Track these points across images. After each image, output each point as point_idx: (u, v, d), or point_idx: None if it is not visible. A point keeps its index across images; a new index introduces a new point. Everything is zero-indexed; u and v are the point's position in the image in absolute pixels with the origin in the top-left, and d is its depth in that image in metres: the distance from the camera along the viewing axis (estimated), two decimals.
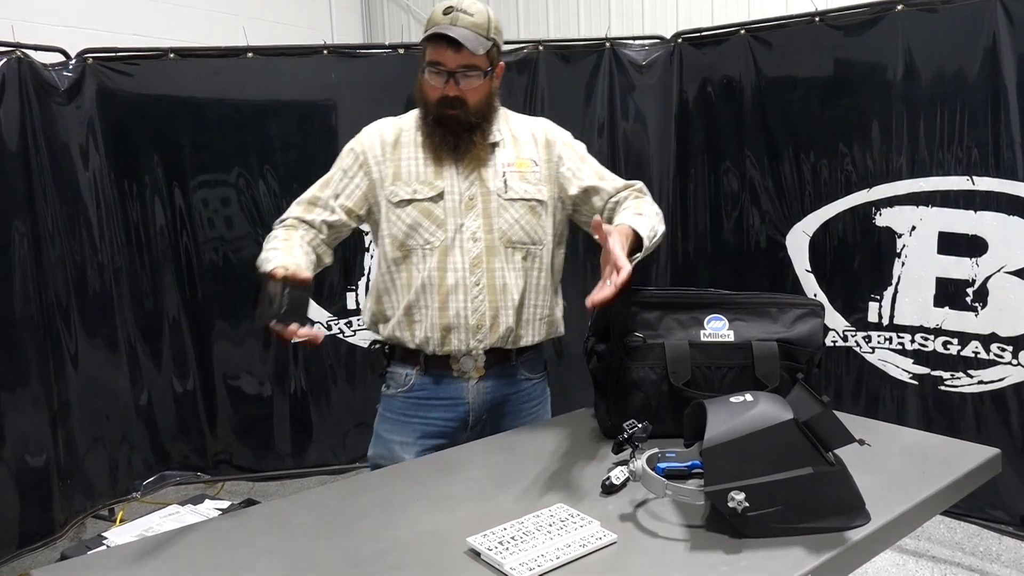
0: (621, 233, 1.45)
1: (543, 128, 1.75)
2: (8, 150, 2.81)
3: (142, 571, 1.09)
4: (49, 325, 2.95)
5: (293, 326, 1.30)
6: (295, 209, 1.67)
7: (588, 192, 1.72)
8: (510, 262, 1.66)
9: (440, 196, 1.63)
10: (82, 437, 3.10)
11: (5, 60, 2.81)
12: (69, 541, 2.97)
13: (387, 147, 1.67)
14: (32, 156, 2.89)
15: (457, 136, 1.61)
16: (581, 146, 1.77)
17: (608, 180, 1.74)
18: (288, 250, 1.53)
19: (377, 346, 1.74)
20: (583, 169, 1.73)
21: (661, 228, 1.61)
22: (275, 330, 1.30)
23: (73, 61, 3.10)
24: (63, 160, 3.03)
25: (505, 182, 1.66)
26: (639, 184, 1.74)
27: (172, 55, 3.19)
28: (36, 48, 2.98)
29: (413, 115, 1.70)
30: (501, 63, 1.66)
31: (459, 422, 1.68)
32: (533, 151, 1.71)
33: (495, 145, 1.68)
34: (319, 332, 1.35)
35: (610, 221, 1.66)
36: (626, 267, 1.34)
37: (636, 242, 1.50)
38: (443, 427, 1.68)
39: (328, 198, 1.67)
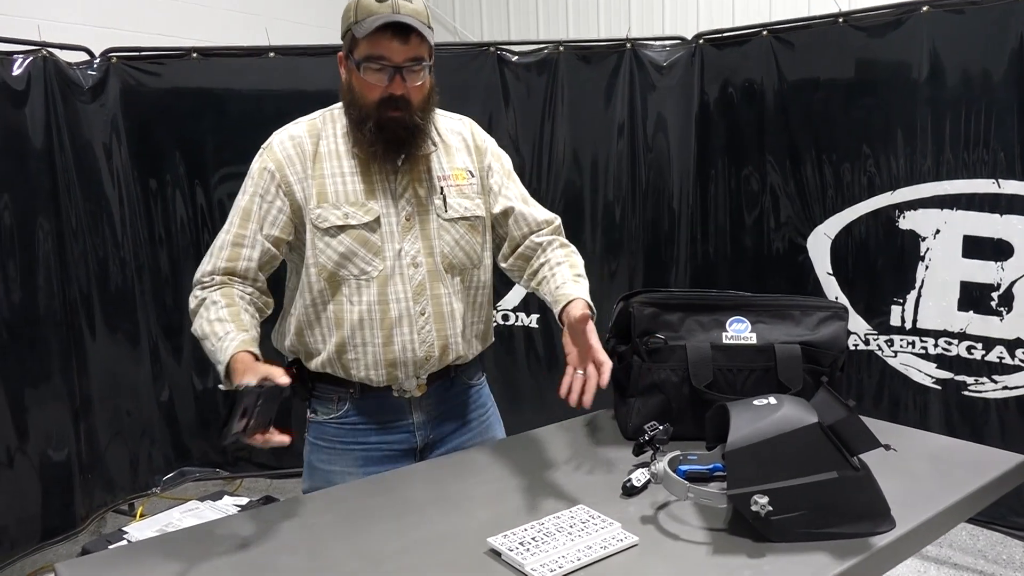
0: (587, 319, 1.31)
1: (471, 130, 1.59)
2: (33, 148, 2.84)
3: (164, 566, 1.10)
4: (72, 321, 2.98)
5: (259, 434, 1.18)
6: (220, 257, 1.44)
7: (507, 214, 1.57)
8: (452, 286, 1.51)
9: (377, 222, 1.44)
10: (103, 432, 3.12)
11: (31, 59, 2.84)
12: (90, 535, 3.00)
13: (307, 160, 1.45)
14: (56, 154, 2.92)
15: (401, 143, 1.43)
16: (508, 159, 1.63)
17: (531, 206, 1.60)
18: (238, 320, 1.36)
19: (296, 370, 1.55)
20: (509, 187, 1.58)
21: None
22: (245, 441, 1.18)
23: (97, 60, 3.13)
24: (87, 158, 3.06)
25: (444, 199, 1.49)
26: (557, 221, 1.61)
27: (195, 54, 3.22)
28: (61, 47, 3.01)
29: (329, 116, 1.50)
30: (433, 68, 1.48)
31: (405, 444, 1.55)
32: (467, 159, 1.55)
33: (427, 156, 1.50)
34: (284, 437, 1.21)
35: (527, 260, 1.57)
36: (609, 363, 1.26)
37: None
38: (388, 451, 1.53)
39: (254, 233, 1.44)
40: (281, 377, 1.20)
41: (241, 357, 1.28)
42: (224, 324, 1.35)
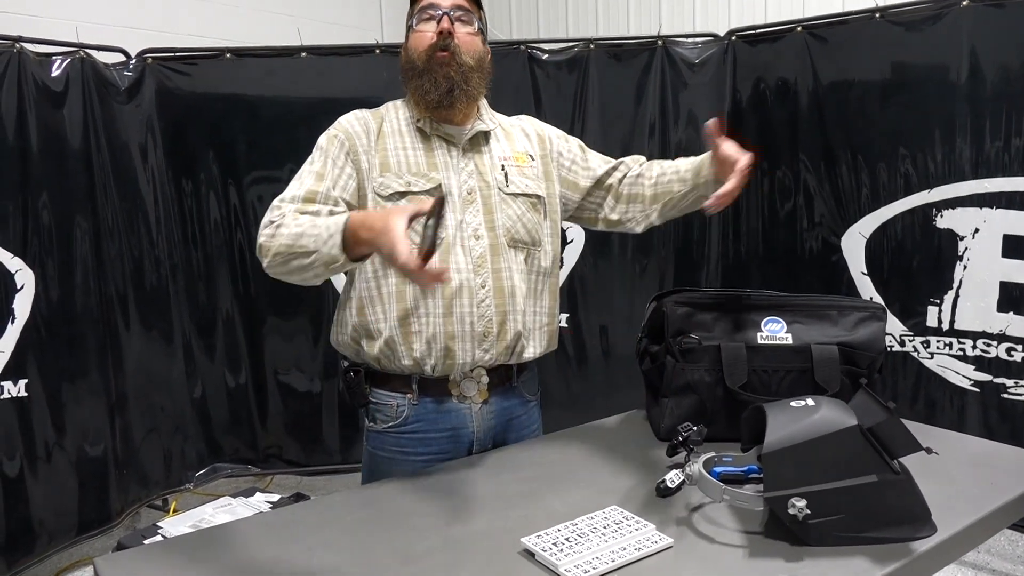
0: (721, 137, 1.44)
1: (531, 124, 1.66)
2: (72, 148, 2.88)
3: (200, 562, 1.11)
4: (108, 319, 3.02)
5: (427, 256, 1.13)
6: (287, 209, 1.40)
7: (600, 180, 1.64)
8: (514, 262, 1.52)
9: (438, 189, 1.47)
10: (138, 428, 3.17)
11: (69, 60, 2.88)
12: (124, 529, 3.05)
13: (371, 134, 1.51)
14: (94, 154, 2.97)
15: (451, 82, 1.46)
16: (575, 139, 1.69)
17: (613, 160, 1.68)
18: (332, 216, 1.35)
19: (352, 374, 1.53)
20: (589, 159, 1.66)
21: None
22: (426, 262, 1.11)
23: (133, 61, 3.17)
24: (123, 158, 3.10)
25: (505, 175, 1.53)
26: (642, 158, 1.70)
27: (228, 55, 3.25)
28: (98, 48, 3.05)
29: (392, 105, 1.58)
30: (488, 48, 1.57)
31: (463, 455, 1.53)
32: (527, 145, 1.61)
33: (487, 135, 1.56)
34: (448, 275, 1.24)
35: (639, 195, 1.63)
36: (747, 155, 1.37)
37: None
38: (447, 461, 1.51)
39: (328, 190, 1.44)
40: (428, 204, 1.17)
41: (359, 216, 1.26)
42: (321, 218, 1.33)
